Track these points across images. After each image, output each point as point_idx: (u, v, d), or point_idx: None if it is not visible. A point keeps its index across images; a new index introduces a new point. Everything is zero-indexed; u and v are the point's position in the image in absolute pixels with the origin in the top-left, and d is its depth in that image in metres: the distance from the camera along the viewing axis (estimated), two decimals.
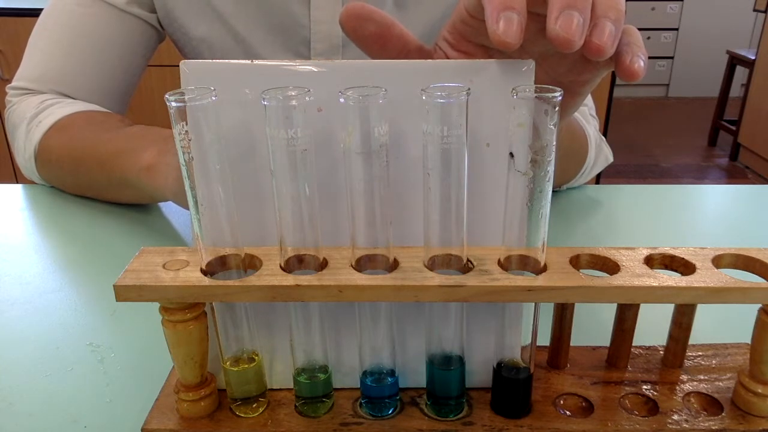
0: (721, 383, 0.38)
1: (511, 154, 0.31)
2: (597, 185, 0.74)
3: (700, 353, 0.40)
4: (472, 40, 0.37)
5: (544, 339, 0.39)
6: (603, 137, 0.73)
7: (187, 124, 0.29)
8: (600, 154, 0.70)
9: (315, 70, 0.33)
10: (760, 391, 0.35)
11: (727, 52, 3.32)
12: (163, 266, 0.33)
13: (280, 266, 0.33)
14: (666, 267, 0.35)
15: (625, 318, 0.38)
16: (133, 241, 0.59)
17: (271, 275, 0.32)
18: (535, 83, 0.37)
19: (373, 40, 0.37)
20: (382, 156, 0.30)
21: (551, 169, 0.30)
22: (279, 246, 0.33)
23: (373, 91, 0.29)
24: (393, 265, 0.33)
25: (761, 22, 3.09)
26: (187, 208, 0.33)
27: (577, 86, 0.38)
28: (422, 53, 0.39)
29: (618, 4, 0.32)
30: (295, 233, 0.32)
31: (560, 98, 0.29)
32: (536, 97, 0.29)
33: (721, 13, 4.12)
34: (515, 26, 0.31)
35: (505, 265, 0.33)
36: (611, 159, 0.73)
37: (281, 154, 0.30)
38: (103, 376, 0.41)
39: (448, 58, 0.38)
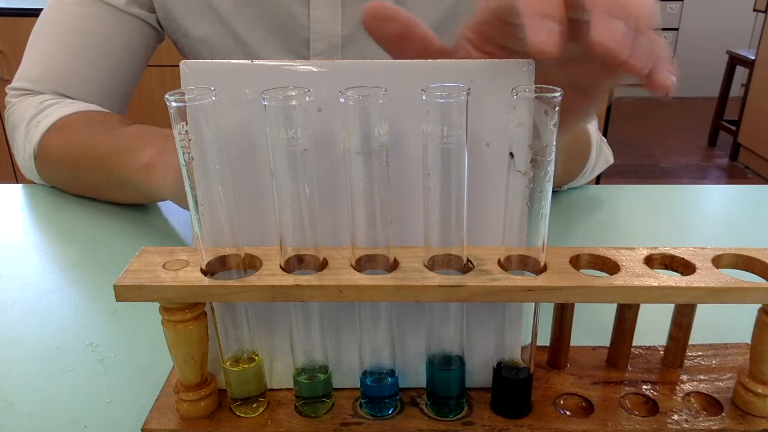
0: (721, 383, 0.38)
1: (511, 154, 0.31)
2: (597, 185, 0.74)
3: (700, 353, 0.40)
4: (497, 42, 0.37)
5: (544, 339, 0.39)
6: (603, 138, 0.73)
7: (187, 124, 0.29)
8: (600, 154, 0.70)
9: (315, 70, 0.33)
10: (760, 391, 0.35)
11: (727, 52, 3.32)
12: (163, 266, 0.33)
13: (280, 266, 0.33)
14: (666, 267, 0.35)
15: (625, 318, 0.38)
16: (133, 241, 0.59)
17: (271, 275, 0.32)
18: (553, 84, 0.36)
19: (395, 40, 0.37)
20: (382, 156, 0.30)
21: (551, 169, 0.30)
22: (279, 246, 0.33)
23: (373, 91, 0.29)
24: (393, 265, 0.33)
25: (761, 22, 3.09)
26: (187, 208, 0.33)
27: (596, 90, 0.38)
28: (445, 55, 0.38)
29: (654, 18, 0.31)
30: (295, 233, 0.32)
31: (560, 98, 0.29)
32: (536, 97, 0.29)
33: (721, 13, 4.12)
34: (555, 36, 0.30)
35: (505, 265, 0.33)
36: (611, 160, 0.73)
37: (281, 154, 0.30)
38: (103, 376, 0.41)
39: (471, 58, 0.38)
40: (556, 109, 0.29)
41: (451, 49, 0.39)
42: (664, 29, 4.18)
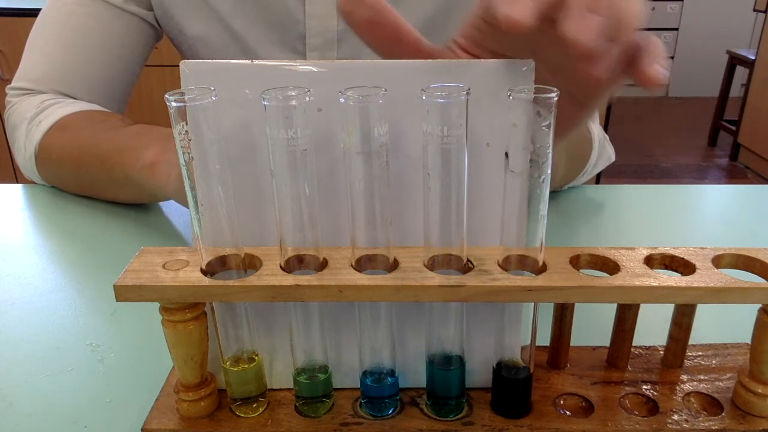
0: (721, 383, 0.38)
1: (506, 155, 0.31)
2: (597, 185, 0.74)
3: (700, 353, 0.40)
4: (486, 46, 0.37)
5: (544, 339, 0.39)
6: (606, 135, 0.73)
7: (187, 124, 0.29)
8: (603, 152, 0.70)
9: (315, 70, 0.33)
10: (760, 391, 0.35)
11: (727, 52, 3.32)
12: (163, 266, 0.33)
13: (280, 266, 0.33)
14: (666, 267, 0.35)
15: (625, 318, 0.38)
16: (133, 241, 0.59)
17: (271, 275, 0.32)
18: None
19: (366, 26, 0.37)
20: (382, 156, 0.30)
21: (548, 169, 0.30)
22: (279, 246, 0.33)
23: (373, 91, 0.29)
24: (393, 265, 0.33)
25: (761, 22, 3.09)
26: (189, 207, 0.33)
27: (588, 99, 0.37)
28: (420, 46, 0.38)
29: (640, 15, 0.30)
30: (295, 233, 0.32)
31: (556, 99, 0.29)
32: (532, 98, 0.29)
33: (721, 13, 4.12)
34: (522, 5, 0.29)
35: (504, 265, 0.33)
36: (613, 158, 0.73)
37: (281, 154, 0.30)
38: (103, 376, 0.41)
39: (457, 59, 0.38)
40: (552, 110, 0.29)
41: (437, 50, 0.39)
42: (663, 29, 4.18)
